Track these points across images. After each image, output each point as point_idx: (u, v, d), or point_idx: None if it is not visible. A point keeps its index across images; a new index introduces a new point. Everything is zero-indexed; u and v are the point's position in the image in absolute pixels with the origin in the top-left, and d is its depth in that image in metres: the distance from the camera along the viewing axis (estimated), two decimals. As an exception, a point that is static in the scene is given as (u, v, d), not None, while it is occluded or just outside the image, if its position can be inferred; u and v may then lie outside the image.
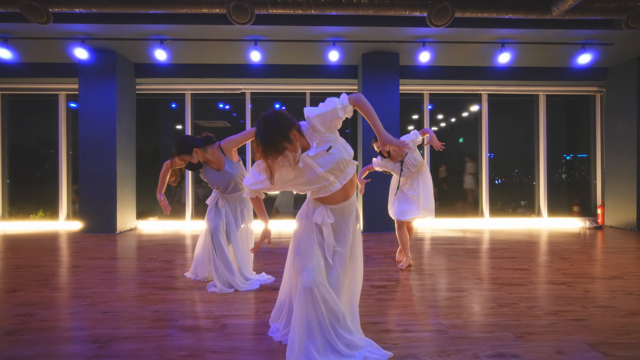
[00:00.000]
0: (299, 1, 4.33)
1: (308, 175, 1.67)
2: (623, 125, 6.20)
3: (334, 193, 1.75)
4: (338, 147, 1.69)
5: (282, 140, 1.55)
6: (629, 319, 2.27)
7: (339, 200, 1.79)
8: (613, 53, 5.80)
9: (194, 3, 4.31)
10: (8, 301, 2.61)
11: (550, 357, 1.78)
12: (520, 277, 3.23)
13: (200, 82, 6.48)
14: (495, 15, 4.53)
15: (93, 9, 4.34)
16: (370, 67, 5.84)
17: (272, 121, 1.56)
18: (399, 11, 4.47)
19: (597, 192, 6.89)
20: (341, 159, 1.67)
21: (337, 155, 1.67)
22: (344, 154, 1.69)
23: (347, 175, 1.74)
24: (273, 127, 1.54)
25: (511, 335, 2.02)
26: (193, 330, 2.10)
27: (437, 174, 7.59)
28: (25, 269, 3.54)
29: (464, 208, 7.40)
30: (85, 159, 5.75)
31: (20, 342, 1.94)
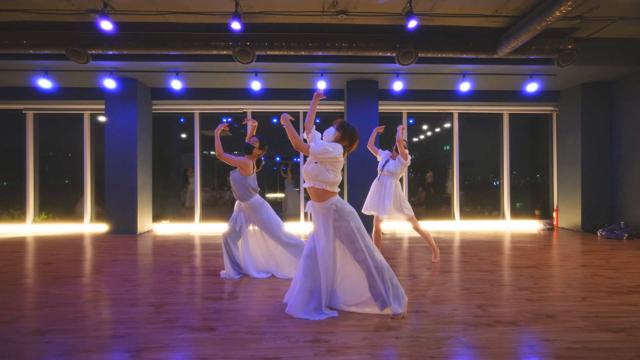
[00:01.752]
0: (291, 45, 5.34)
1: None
2: (572, 140, 7.22)
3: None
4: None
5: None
6: (516, 292, 3.27)
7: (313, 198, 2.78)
8: (561, 79, 6.82)
9: (206, 47, 5.32)
10: (75, 283, 3.60)
11: (448, 312, 2.78)
12: (458, 266, 4.23)
13: (207, 103, 7.49)
14: (452, 55, 5.54)
15: (124, 51, 5.34)
16: (353, 92, 6.85)
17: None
18: (373, 52, 5.48)
19: (554, 197, 7.91)
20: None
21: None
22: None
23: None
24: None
25: (429, 301, 3.02)
26: (215, 299, 3.10)
27: (424, 179, 8.59)
28: (76, 262, 4.52)
29: (447, 211, 8.39)
30: (111, 170, 6.74)
31: (99, 307, 2.94)
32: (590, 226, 6.89)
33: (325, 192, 2.70)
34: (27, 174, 7.54)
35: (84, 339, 2.33)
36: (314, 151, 2.61)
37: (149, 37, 5.23)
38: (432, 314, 2.74)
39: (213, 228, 7.53)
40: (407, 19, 4.58)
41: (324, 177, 2.65)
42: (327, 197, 2.71)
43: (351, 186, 6.80)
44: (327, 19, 5.10)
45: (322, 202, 2.72)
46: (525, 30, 4.77)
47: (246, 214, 3.78)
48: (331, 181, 2.67)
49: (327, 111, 7.70)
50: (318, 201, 2.74)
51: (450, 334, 2.39)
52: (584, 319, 2.62)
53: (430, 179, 8.73)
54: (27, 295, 3.25)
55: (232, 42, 5.25)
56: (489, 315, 2.71)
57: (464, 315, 2.71)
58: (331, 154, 2.60)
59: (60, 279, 3.76)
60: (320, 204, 2.73)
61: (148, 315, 2.74)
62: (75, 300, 3.07)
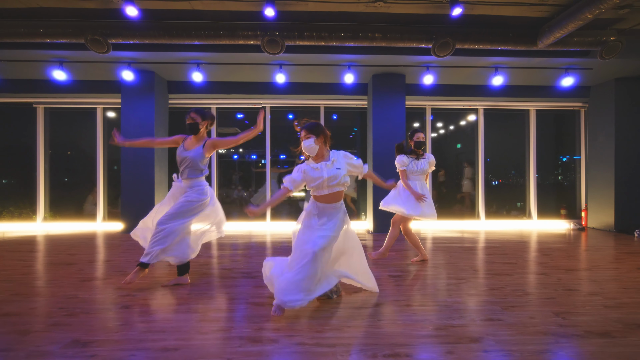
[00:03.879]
0: (323, 35, 5.08)
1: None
2: (603, 138, 6.97)
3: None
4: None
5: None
6: (587, 297, 3.02)
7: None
8: (594, 75, 6.57)
9: (233, 36, 5.05)
10: (103, 287, 3.33)
11: (525, 320, 2.53)
12: (508, 269, 3.98)
13: (225, 97, 7.22)
14: (489, 46, 5.29)
15: (146, 40, 5.07)
16: (379, 86, 6.59)
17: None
18: (407, 43, 5.22)
19: (582, 197, 7.67)
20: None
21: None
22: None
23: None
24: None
25: (499, 308, 2.76)
26: (262, 305, 2.84)
27: (436, 178, 8.35)
28: (99, 263, 4.25)
29: (461, 210, 8.16)
30: (127, 168, 6.46)
31: (138, 313, 2.68)
32: (624, 226, 6.64)
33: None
34: (38, 171, 7.26)
35: (132, 352, 2.07)
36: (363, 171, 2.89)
37: (172, 25, 4.97)
38: (508, 323, 2.48)
39: (232, 227, 7.26)
40: (452, 6, 4.32)
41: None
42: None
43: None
44: (362, 7, 4.83)
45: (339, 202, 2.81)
46: (573, 19, 4.51)
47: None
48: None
49: (350, 106, 7.44)
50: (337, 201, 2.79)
51: (543, 346, 2.13)
52: (681, 329, 2.37)
53: (442, 178, 8.51)
54: (55, 299, 2.98)
55: (261, 32, 4.99)
56: (573, 324, 2.45)
57: (545, 325, 2.45)
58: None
59: (87, 281, 3.49)
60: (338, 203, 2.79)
61: (195, 323, 2.48)
62: (110, 306, 2.81)
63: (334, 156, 2.73)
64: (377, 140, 6.58)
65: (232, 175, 8.75)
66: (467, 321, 2.51)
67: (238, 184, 8.61)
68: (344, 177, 2.69)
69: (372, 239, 6.00)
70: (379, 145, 6.56)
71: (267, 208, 2.71)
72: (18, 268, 3.99)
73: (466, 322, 2.50)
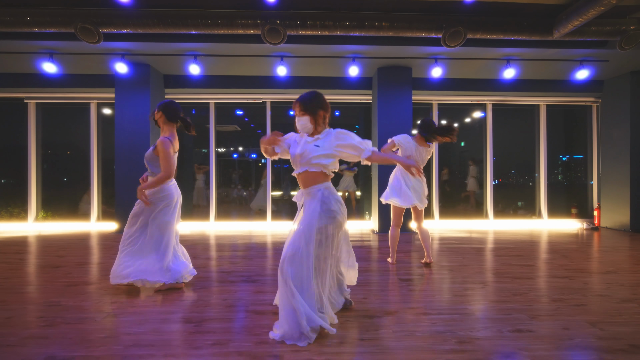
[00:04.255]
0: (327, 24, 4.80)
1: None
2: (618, 133, 6.69)
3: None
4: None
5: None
6: (621, 304, 2.74)
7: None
8: (608, 67, 6.30)
9: (232, 25, 4.77)
10: (90, 292, 3.06)
11: (559, 332, 2.25)
12: (527, 271, 3.70)
13: (224, 92, 6.93)
14: (503, 36, 5.01)
15: (139, 30, 4.79)
16: (384, 80, 6.30)
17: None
18: (416, 33, 4.94)
19: (594, 195, 7.39)
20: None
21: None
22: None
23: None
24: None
25: (526, 317, 2.49)
26: (263, 313, 2.56)
27: (440, 177, 8.07)
28: (89, 265, 3.98)
29: (465, 209, 7.88)
30: (121, 165, 6.19)
31: (125, 323, 2.40)
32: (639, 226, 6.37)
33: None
34: (29, 169, 6.97)
35: (115, 371, 1.80)
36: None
37: (168, 14, 4.69)
38: (540, 335, 2.21)
39: (229, 227, 6.99)
40: (465, -10, 4.04)
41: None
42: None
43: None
44: (369, -7, 4.56)
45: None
46: (593, 4, 4.23)
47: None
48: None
49: (354, 101, 7.16)
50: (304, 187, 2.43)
51: (574, 356, 1.86)
52: None
53: (446, 176, 8.23)
54: (35, 307, 2.70)
55: (261, 21, 4.71)
56: (613, 337, 2.18)
57: (582, 337, 2.18)
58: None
59: (73, 286, 3.22)
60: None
61: (188, 335, 2.20)
62: (95, 315, 2.53)
63: (325, 133, 2.37)
64: (382, 137, 6.30)
65: (232, 174, 8.49)
66: (494, 332, 2.24)
67: (237, 183, 8.34)
68: (320, 157, 2.27)
69: (377, 239, 5.73)
70: (384, 143, 6.25)
71: (265, 143, 2.45)
72: (0, 272, 3.71)
73: (493, 333, 2.23)
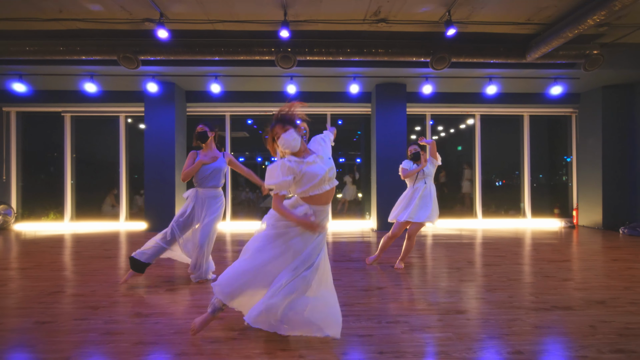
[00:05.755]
0: (331, 50, 5.61)
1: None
2: (592, 141, 7.46)
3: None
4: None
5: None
6: (561, 282, 3.52)
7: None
8: (582, 82, 7.06)
9: (249, 52, 5.59)
10: (154, 274, 3.87)
11: (504, 299, 3.04)
12: (498, 260, 4.49)
13: (239, 105, 7.77)
14: (483, 60, 5.80)
15: (171, 57, 5.62)
16: (382, 95, 7.11)
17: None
18: (407, 57, 5.74)
19: (574, 196, 8.15)
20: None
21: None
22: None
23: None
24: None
25: (484, 290, 3.28)
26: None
27: (437, 179, 8.86)
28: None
29: (462, 210, 8.65)
30: (150, 171, 7.02)
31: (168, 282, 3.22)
32: (611, 224, 7.12)
33: None
34: (65, 175, 7.83)
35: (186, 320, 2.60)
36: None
37: (195, 43, 5.51)
38: (490, 301, 3.00)
39: (245, 226, 7.80)
40: (447, 27, 4.84)
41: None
42: None
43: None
44: (366, 26, 5.37)
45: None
46: (556, 36, 5.02)
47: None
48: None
49: (355, 113, 7.98)
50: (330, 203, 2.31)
51: (514, 316, 2.65)
52: (632, 305, 2.88)
53: (443, 179, 9.00)
54: (107, 285, 3.52)
55: (275, 48, 5.53)
56: (543, 301, 2.97)
57: (520, 302, 2.97)
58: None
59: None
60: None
61: None
62: (153, 288, 3.35)
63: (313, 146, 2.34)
64: (380, 145, 7.10)
65: (239, 177, 9.28)
66: (456, 299, 3.04)
67: (245, 186, 9.12)
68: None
69: (376, 236, 6.51)
70: (382, 150, 7.08)
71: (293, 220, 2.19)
72: (73, 261, 4.55)
73: (455, 299, 3.02)
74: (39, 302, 3.00)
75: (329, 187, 2.21)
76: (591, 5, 4.39)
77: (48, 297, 3.11)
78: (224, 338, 2.31)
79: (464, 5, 4.76)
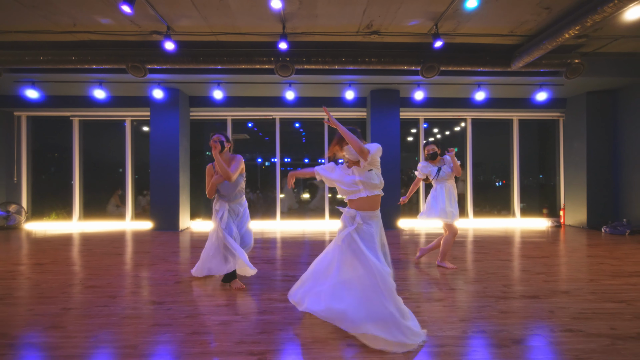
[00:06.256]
0: (327, 60, 5.96)
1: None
2: (578, 144, 7.81)
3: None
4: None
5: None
6: (534, 275, 3.87)
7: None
8: (567, 88, 7.41)
9: (250, 62, 5.94)
10: (163, 269, 4.22)
11: (479, 289, 3.39)
12: (480, 257, 4.84)
13: (240, 110, 8.12)
14: (470, 68, 6.15)
15: (176, 66, 5.97)
16: (376, 100, 7.47)
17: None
18: (399, 66, 6.09)
19: (561, 197, 8.50)
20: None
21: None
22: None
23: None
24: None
25: (462, 282, 3.63)
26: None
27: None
28: (144, 254, 5.15)
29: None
30: (155, 173, 7.38)
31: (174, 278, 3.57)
32: (595, 224, 7.47)
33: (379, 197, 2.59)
34: (74, 176, 8.18)
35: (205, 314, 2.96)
36: (371, 153, 2.46)
37: (200, 53, 5.86)
38: (467, 290, 3.35)
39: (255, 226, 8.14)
40: (434, 39, 5.19)
41: (378, 181, 2.55)
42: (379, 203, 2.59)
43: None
44: (360, 38, 5.72)
45: (377, 210, 2.58)
46: (537, 48, 5.37)
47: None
48: (381, 185, 2.58)
49: (351, 117, 8.33)
50: (375, 209, 2.57)
51: (485, 303, 3.00)
52: (592, 294, 3.23)
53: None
54: (118, 278, 3.88)
55: (274, 58, 5.88)
56: (513, 291, 3.32)
57: (493, 291, 3.32)
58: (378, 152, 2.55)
59: (139, 266, 4.39)
60: (376, 212, 2.57)
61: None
62: (162, 281, 3.70)
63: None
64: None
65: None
66: (434, 290, 3.39)
67: (245, 187, 9.45)
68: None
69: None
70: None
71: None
72: (83, 257, 4.90)
73: (434, 290, 3.37)
74: (62, 292, 3.35)
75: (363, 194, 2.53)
76: (566, 20, 4.74)
77: (69, 288, 3.46)
78: (229, 321, 2.66)
79: (450, 19, 5.11)
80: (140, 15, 4.93)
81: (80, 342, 2.32)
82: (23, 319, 2.74)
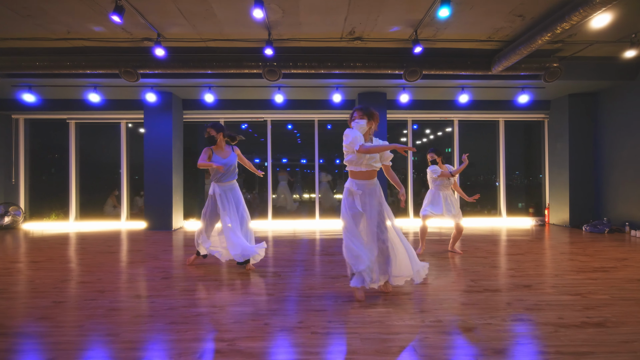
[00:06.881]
0: (313, 65, 6.17)
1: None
2: (561, 145, 8.01)
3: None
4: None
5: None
6: (504, 271, 4.08)
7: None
8: (550, 91, 7.62)
9: (239, 67, 6.15)
10: (152, 266, 4.43)
11: (447, 284, 3.59)
12: (460, 254, 5.05)
13: (232, 112, 8.33)
14: (452, 72, 6.36)
15: (168, 71, 6.18)
16: (364, 102, 7.65)
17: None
18: (383, 70, 6.29)
19: (546, 197, 8.70)
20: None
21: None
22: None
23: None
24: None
25: (433, 277, 3.83)
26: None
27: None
28: (137, 252, 5.36)
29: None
30: (149, 174, 7.59)
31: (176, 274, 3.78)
32: (577, 222, 7.67)
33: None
34: (70, 177, 8.40)
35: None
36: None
37: (190, 58, 6.08)
38: (434, 285, 3.56)
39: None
40: (414, 45, 5.40)
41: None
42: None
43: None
44: (344, 43, 5.93)
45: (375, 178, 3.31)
46: (514, 53, 5.58)
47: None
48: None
49: (340, 119, 8.54)
50: (373, 178, 3.30)
51: (448, 296, 3.21)
52: (552, 288, 3.44)
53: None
54: (117, 274, 4.09)
55: (262, 63, 6.09)
56: (479, 286, 3.53)
57: (459, 286, 3.53)
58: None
59: (132, 262, 4.59)
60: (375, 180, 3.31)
61: (217, 286, 3.56)
62: (156, 273, 3.91)
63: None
64: (362, 149, 7.64)
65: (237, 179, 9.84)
66: (406, 284, 3.59)
67: (242, 187, 9.68)
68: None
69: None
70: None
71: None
72: (80, 257, 5.11)
73: (406, 285, 3.58)
74: (54, 287, 3.56)
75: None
76: (538, 27, 4.95)
77: (61, 284, 3.67)
78: (207, 312, 2.87)
79: (429, 26, 5.32)
80: (131, 23, 5.14)
81: (68, 331, 2.53)
82: (17, 311, 2.95)
